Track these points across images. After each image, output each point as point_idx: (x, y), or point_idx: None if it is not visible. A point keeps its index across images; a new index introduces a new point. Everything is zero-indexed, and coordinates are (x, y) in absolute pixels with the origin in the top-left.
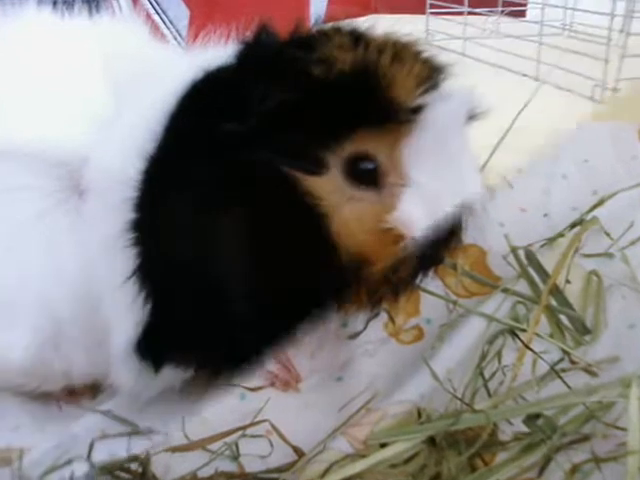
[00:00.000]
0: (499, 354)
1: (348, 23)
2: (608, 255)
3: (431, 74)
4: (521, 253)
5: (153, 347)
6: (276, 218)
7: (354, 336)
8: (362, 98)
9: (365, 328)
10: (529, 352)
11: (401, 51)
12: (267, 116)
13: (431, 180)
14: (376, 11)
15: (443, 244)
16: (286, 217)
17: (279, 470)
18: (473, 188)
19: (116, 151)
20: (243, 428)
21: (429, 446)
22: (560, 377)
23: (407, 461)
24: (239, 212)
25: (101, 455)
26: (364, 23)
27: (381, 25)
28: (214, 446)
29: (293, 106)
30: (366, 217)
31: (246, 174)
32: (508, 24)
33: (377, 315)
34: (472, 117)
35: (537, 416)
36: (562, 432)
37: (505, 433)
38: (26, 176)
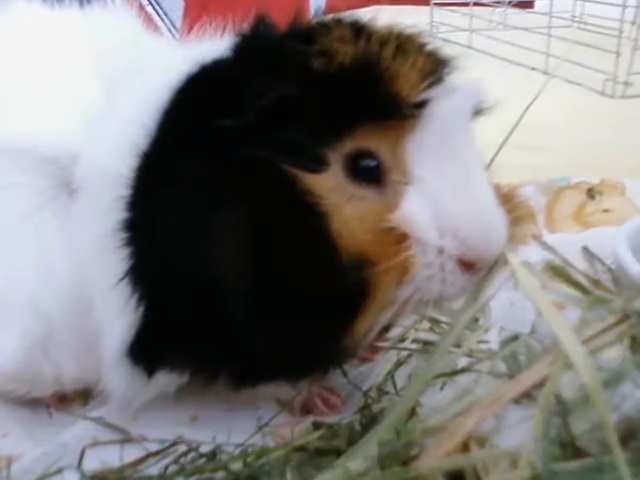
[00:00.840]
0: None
1: (349, 14)
2: None
3: (435, 67)
4: None
5: (146, 351)
6: (275, 217)
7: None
8: (364, 92)
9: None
10: None
11: (404, 44)
12: (265, 111)
13: (435, 178)
14: (378, 2)
15: None
16: (285, 216)
17: None
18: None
19: (108, 147)
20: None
21: None
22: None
23: None
24: (236, 211)
25: (92, 463)
26: (366, 14)
27: (383, 17)
28: None
29: (292, 101)
30: (368, 216)
31: (244, 172)
32: (516, 15)
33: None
34: (478, 112)
35: None
36: None
37: None
38: (15, 174)
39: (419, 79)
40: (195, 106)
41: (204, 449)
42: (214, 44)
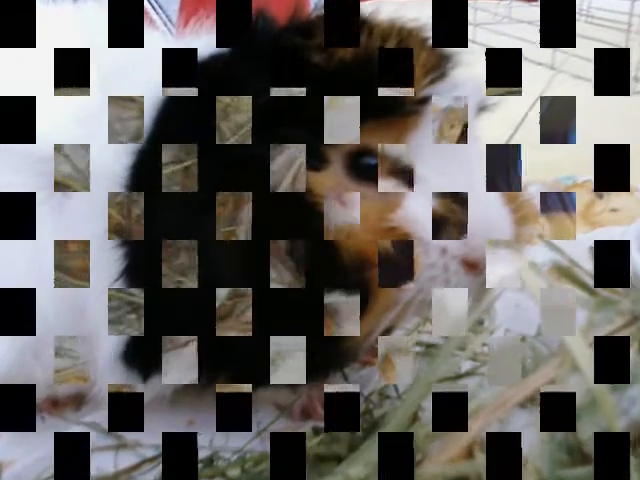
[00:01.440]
0: None
1: None
2: None
3: (438, 63)
4: None
5: (142, 353)
6: (274, 216)
7: None
8: (364, 88)
9: None
10: None
11: (406, 38)
12: (264, 108)
13: (437, 176)
14: None
15: None
16: (284, 215)
17: None
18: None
19: (102, 145)
20: None
21: None
22: None
23: None
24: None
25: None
26: (367, 8)
27: (385, 10)
28: None
29: (292, 97)
30: (369, 215)
31: (243, 170)
32: (521, 9)
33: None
34: (482, 109)
35: None
36: None
37: None
38: (7, 173)
39: (421, 75)
40: (192, 103)
41: (201, 455)
42: (211, 39)
